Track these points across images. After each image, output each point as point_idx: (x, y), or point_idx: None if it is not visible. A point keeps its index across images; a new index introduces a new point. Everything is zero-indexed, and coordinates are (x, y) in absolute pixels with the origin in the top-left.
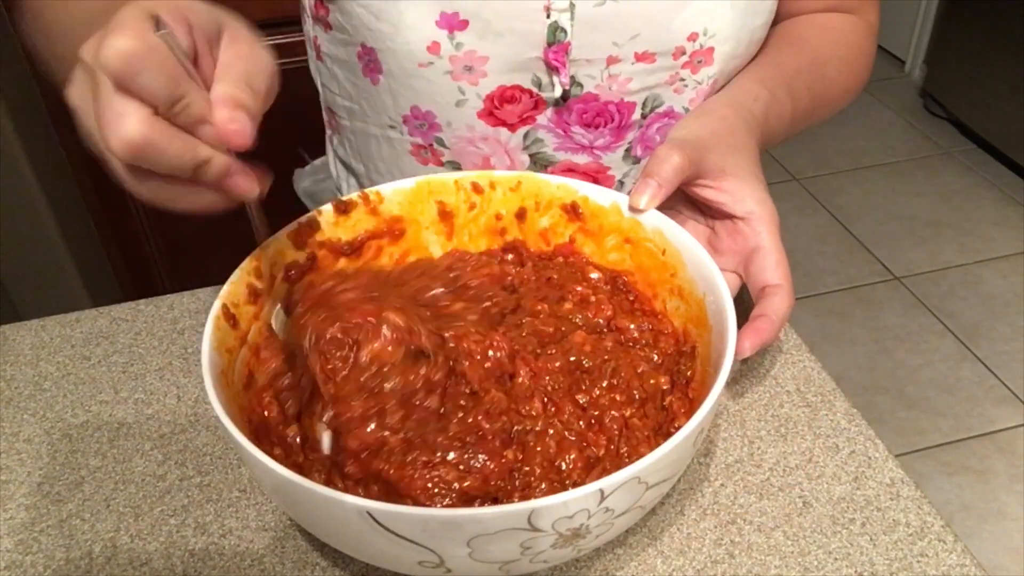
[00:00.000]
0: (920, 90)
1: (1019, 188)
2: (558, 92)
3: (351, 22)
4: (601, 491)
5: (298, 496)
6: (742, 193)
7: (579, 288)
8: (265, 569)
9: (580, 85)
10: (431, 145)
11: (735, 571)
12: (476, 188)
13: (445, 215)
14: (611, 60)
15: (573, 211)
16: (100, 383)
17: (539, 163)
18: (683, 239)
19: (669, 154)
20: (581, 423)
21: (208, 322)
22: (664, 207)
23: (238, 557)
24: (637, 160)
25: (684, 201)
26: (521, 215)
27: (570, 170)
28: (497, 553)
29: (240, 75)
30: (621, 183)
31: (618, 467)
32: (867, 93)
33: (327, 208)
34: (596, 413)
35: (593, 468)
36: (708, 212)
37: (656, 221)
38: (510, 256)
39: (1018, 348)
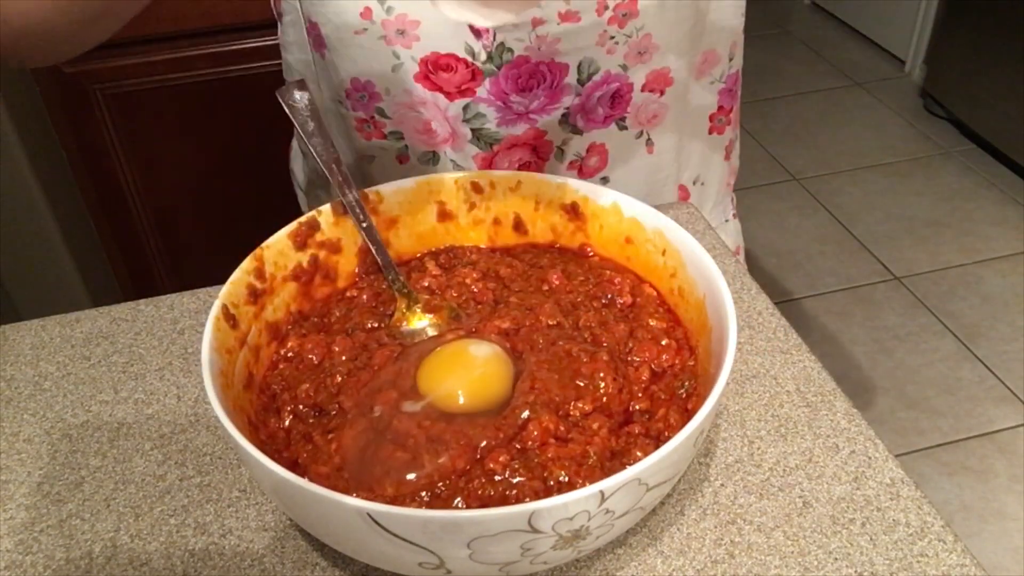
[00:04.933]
0: (920, 90)
1: (1019, 188)
2: (483, 57)
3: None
4: (601, 492)
5: (298, 496)
6: None
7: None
8: (265, 569)
9: (510, 50)
10: (372, 117)
11: (735, 571)
12: (476, 188)
13: (445, 215)
14: (536, 22)
15: (573, 211)
16: (100, 383)
17: (483, 140)
18: (683, 239)
19: None
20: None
21: (208, 322)
22: None
23: (238, 557)
24: (577, 130)
25: None
26: (520, 215)
27: (513, 146)
28: (497, 554)
29: None
30: (560, 150)
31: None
32: (867, 93)
33: (327, 208)
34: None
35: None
36: None
37: (656, 221)
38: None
39: (1018, 348)
